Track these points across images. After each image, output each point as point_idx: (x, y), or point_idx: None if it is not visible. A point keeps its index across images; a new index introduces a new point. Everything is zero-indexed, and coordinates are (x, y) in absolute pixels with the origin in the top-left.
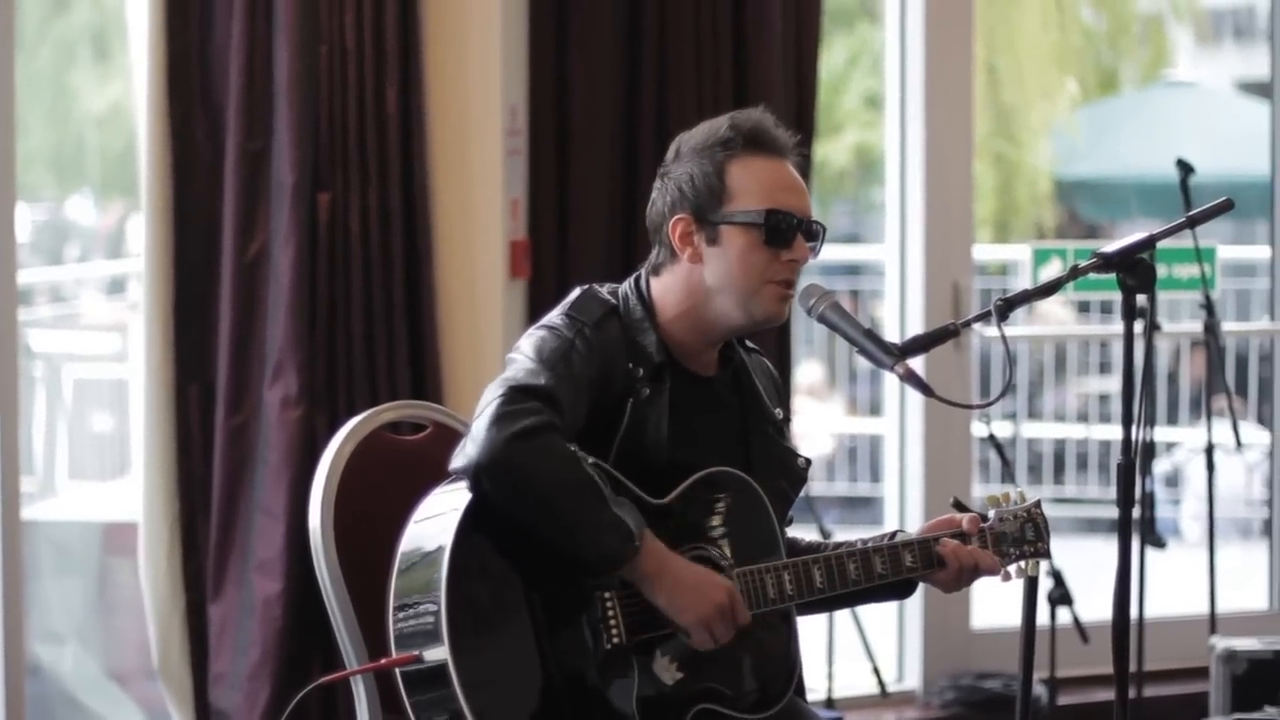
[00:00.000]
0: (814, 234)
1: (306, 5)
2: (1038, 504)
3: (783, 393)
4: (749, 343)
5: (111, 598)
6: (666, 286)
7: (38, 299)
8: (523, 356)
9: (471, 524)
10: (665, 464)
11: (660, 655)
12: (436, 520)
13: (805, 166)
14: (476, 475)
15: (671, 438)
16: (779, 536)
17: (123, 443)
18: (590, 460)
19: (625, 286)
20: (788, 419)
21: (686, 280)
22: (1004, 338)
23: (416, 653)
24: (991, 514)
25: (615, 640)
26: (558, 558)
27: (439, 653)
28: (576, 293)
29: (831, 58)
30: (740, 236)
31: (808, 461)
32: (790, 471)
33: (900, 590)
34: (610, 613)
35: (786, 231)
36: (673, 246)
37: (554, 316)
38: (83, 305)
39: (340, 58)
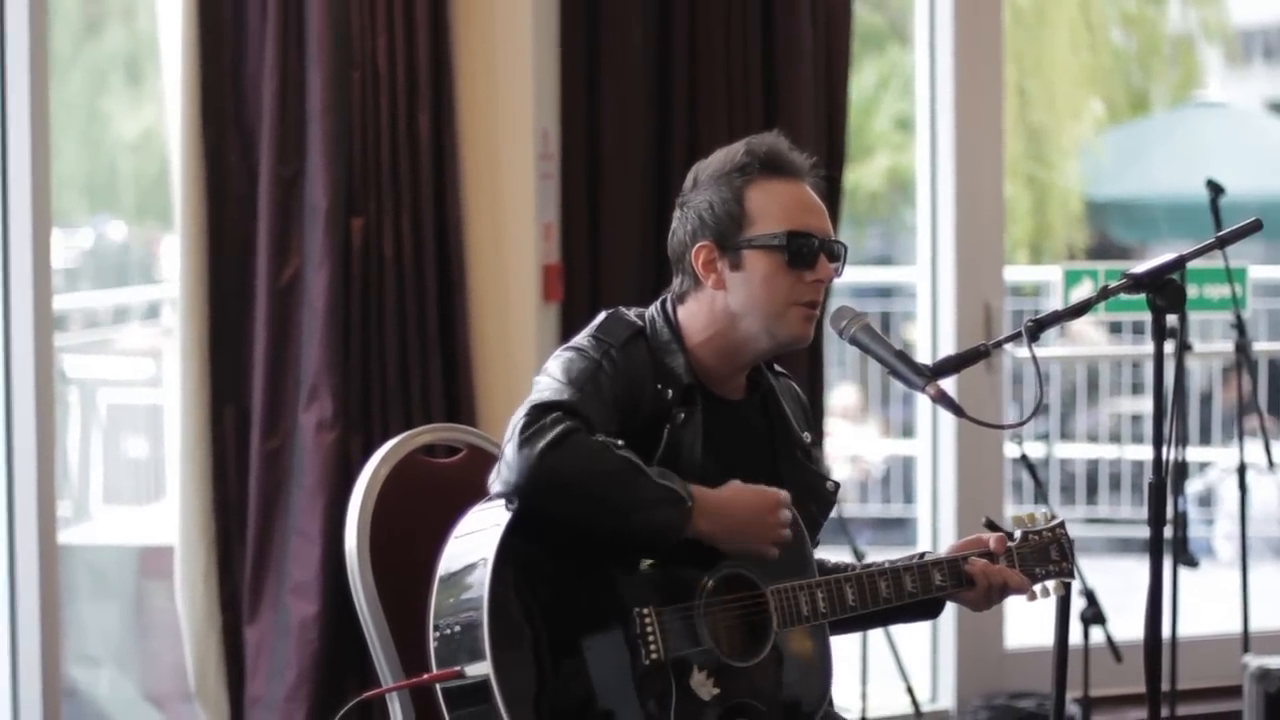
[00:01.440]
0: (836, 254)
1: (339, 30)
2: (1062, 524)
3: (810, 416)
4: (777, 366)
5: (148, 621)
6: (692, 313)
7: (72, 324)
8: (549, 378)
9: (512, 540)
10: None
11: (697, 671)
12: (477, 536)
13: (826, 188)
14: (521, 496)
15: (706, 460)
16: (810, 554)
17: (157, 467)
18: (619, 442)
19: (652, 310)
20: (816, 442)
21: (711, 307)
22: (1034, 358)
23: (458, 668)
24: (1018, 534)
25: (654, 656)
26: (595, 571)
27: (481, 668)
28: (603, 315)
29: (862, 80)
30: (763, 260)
31: (836, 485)
32: (819, 495)
33: (929, 610)
34: (649, 629)
35: (809, 253)
36: (696, 274)
37: (581, 339)
38: (117, 330)
39: (373, 82)
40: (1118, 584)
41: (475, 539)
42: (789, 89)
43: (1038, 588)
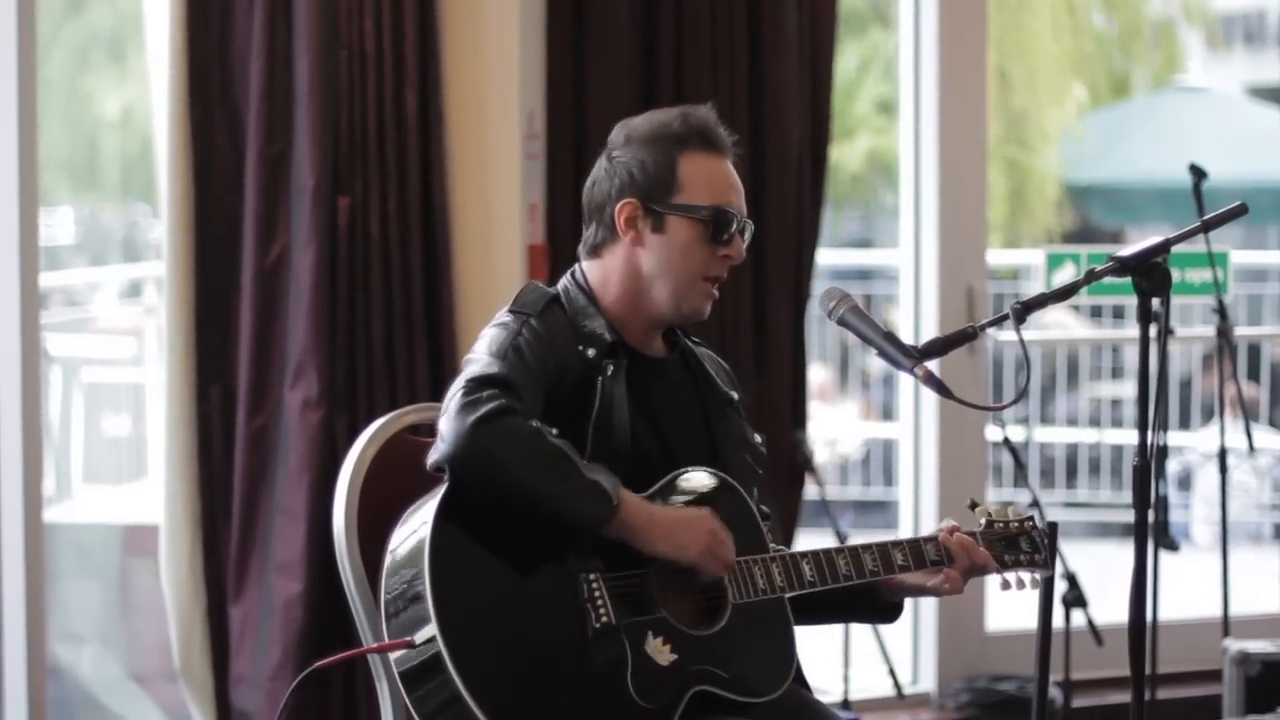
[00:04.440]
0: (746, 235)
1: (326, 10)
2: (1030, 518)
3: (733, 377)
4: (694, 338)
5: (132, 599)
6: (606, 267)
7: (53, 303)
8: (475, 355)
9: (449, 513)
10: (632, 441)
11: (652, 637)
12: (415, 515)
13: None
14: (452, 467)
15: (635, 415)
16: (762, 530)
17: (138, 446)
18: (554, 431)
19: (564, 280)
20: (743, 400)
21: (626, 263)
22: (1022, 341)
23: (408, 638)
24: (981, 521)
25: (604, 620)
26: (539, 539)
27: (428, 631)
28: (518, 290)
29: (843, 63)
30: (685, 228)
31: (762, 439)
32: (752, 448)
33: (886, 613)
34: (596, 593)
35: (730, 230)
36: (616, 227)
37: (500, 314)
38: (98, 309)
39: (360, 62)
40: (1097, 568)
41: (414, 518)
42: (774, 70)
43: (1010, 576)
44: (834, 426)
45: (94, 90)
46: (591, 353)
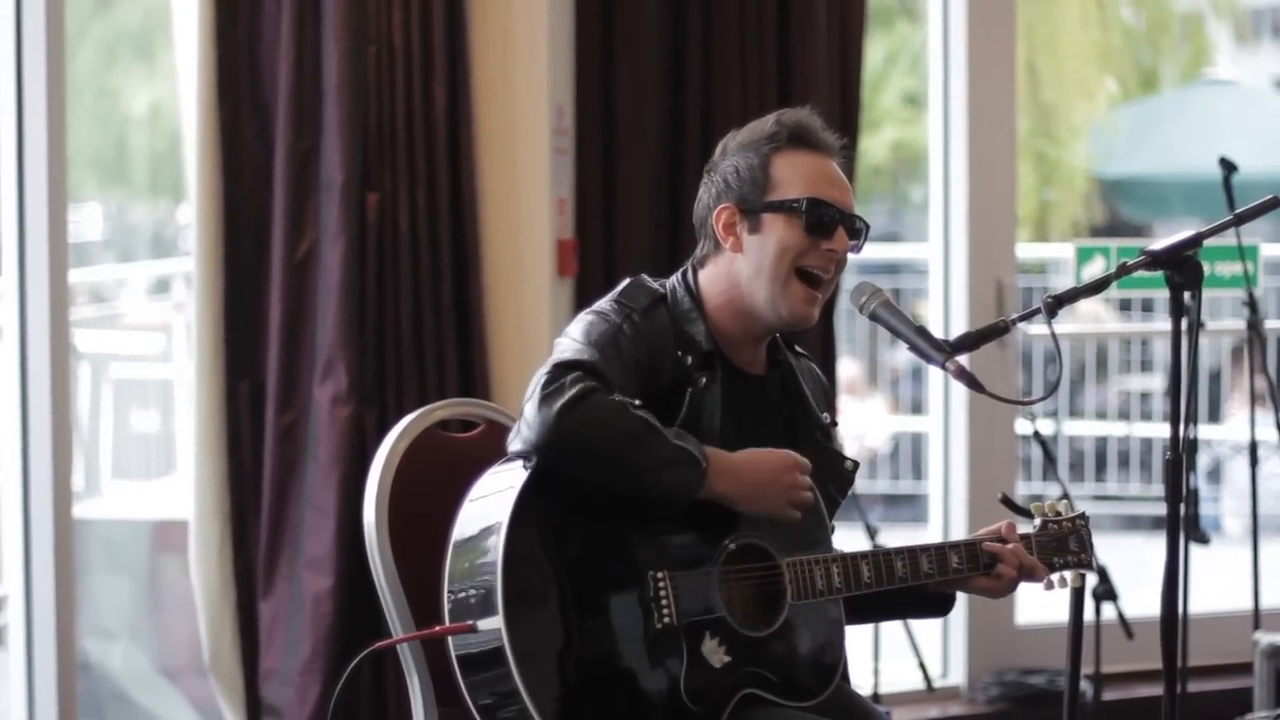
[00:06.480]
0: (856, 230)
1: (355, 6)
2: (1084, 516)
3: (830, 396)
4: (798, 347)
5: (161, 595)
6: (711, 277)
7: (80, 299)
8: (569, 340)
9: (527, 502)
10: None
11: (709, 638)
12: (493, 498)
13: (850, 169)
14: (538, 454)
15: (723, 430)
16: (828, 531)
17: (167, 442)
18: (637, 403)
19: (673, 279)
20: (834, 422)
21: (729, 270)
22: (1054, 335)
23: (471, 622)
24: (1037, 521)
25: (666, 620)
26: (611, 533)
27: (493, 622)
28: (625, 282)
29: (870, 56)
30: (782, 224)
31: (855, 464)
32: (837, 475)
33: (939, 606)
34: (662, 593)
35: (828, 222)
36: (717, 237)
37: (602, 303)
38: (126, 305)
39: (388, 58)
40: (1126, 561)
41: (490, 502)
42: (803, 64)
43: (1055, 577)
44: (862, 421)
45: (122, 87)
46: (689, 360)
